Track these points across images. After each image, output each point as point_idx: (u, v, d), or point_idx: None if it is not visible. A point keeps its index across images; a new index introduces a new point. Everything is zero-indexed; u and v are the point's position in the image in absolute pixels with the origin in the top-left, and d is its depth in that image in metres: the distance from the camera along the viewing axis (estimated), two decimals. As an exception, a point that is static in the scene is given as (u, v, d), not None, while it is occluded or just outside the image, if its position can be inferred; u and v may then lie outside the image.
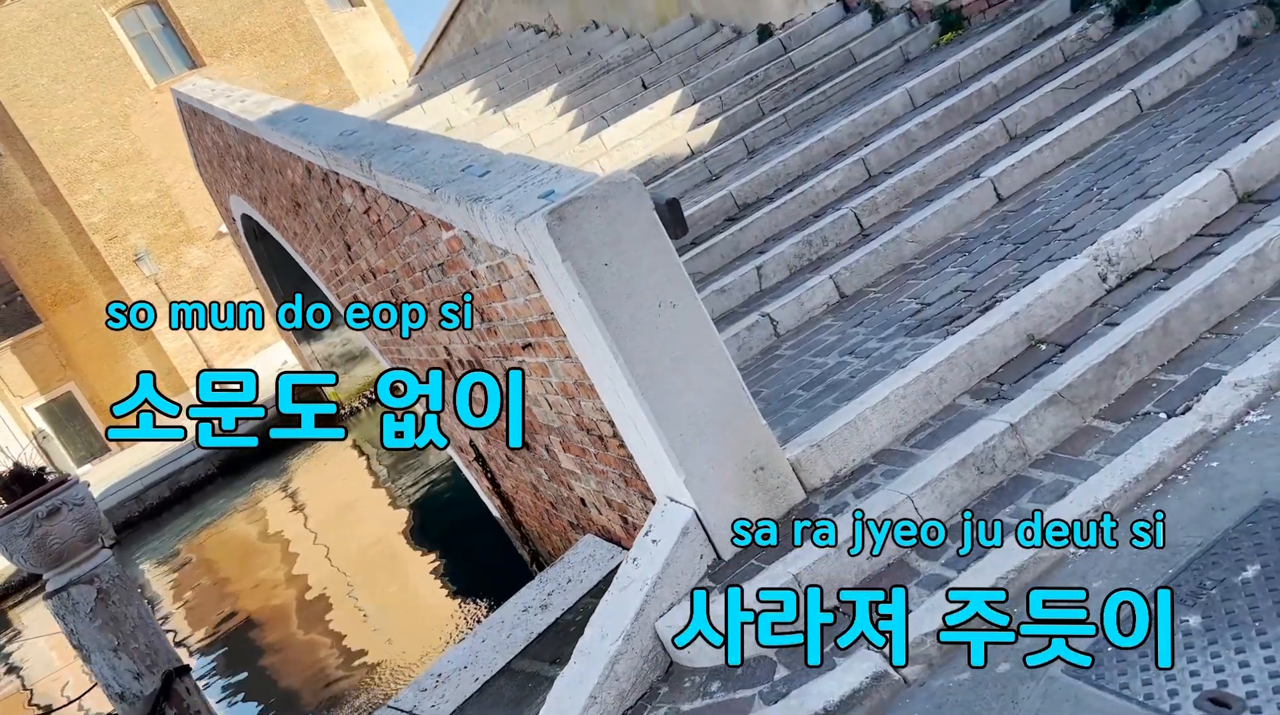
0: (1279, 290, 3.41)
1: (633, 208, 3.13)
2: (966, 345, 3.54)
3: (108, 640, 5.42)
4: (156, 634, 5.61)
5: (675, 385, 3.17)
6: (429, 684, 4.29)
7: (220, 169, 11.88)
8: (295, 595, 11.84)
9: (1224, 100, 4.70)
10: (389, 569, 11.21)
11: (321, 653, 9.72)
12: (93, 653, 5.44)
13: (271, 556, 14.71)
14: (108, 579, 5.45)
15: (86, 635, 5.42)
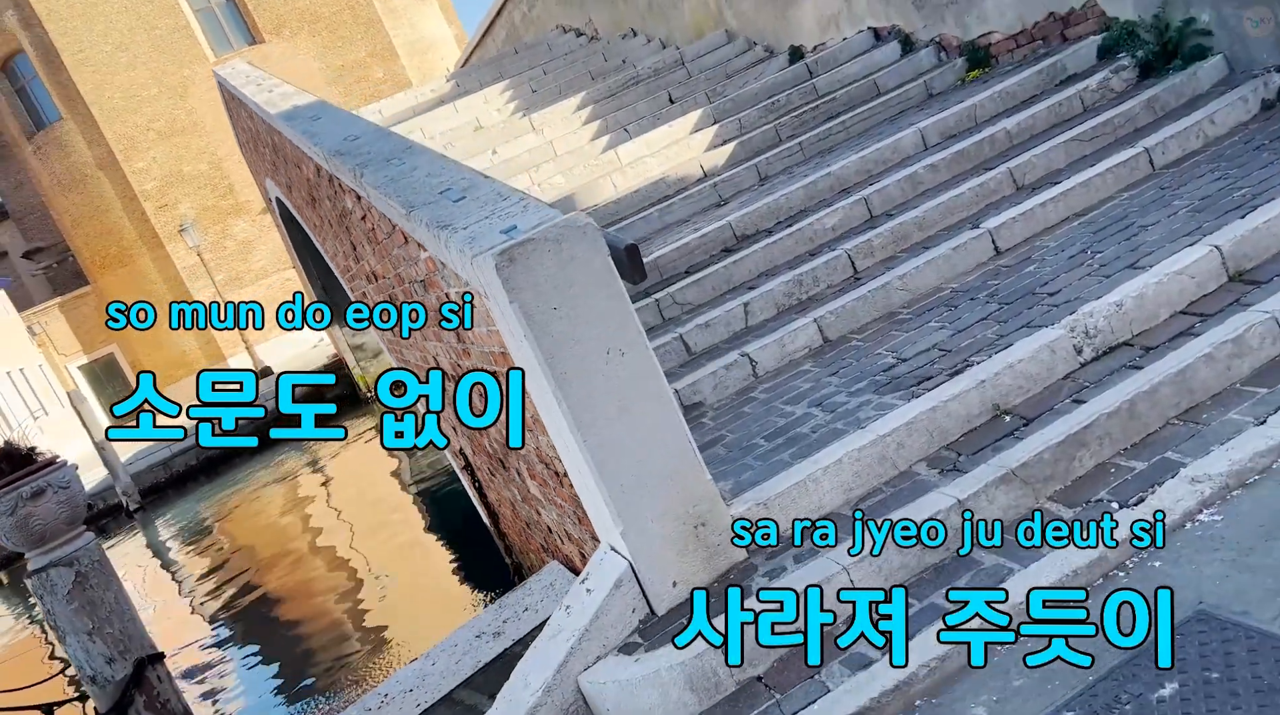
0: (1256, 379, 3.29)
1: (587, 252, 3.08)
2: (929, 410, 3.46)
3: (83, 623, 5.46)
4: (132, 620, 5.65)
5: (619, 435, 3.12)
6: (374, 704, 4.27)
7: (255, 152, 11.99)
8: (303, 572, 11.92)
9: (1235, 167, 4.55)
10: (399, 553, 11.23)
11: (318, 634, 9.78)
12: (68, 634, 5.48)
13: (286, 532, 14.84)
14: (87, 563, 5.50)
15: (62, 617, 5.47)
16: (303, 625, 10.37)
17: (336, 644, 9.24)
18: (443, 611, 8.97)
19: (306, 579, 11.74)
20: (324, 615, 10.28)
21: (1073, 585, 2.76)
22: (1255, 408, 3.14)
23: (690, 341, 4.85)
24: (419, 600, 9.74)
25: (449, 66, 32.22)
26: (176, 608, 13.40)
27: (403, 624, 9.13)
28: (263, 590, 11.87)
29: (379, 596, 10.25)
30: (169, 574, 15.99)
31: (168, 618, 13.01)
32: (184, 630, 12.01)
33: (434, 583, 9.98)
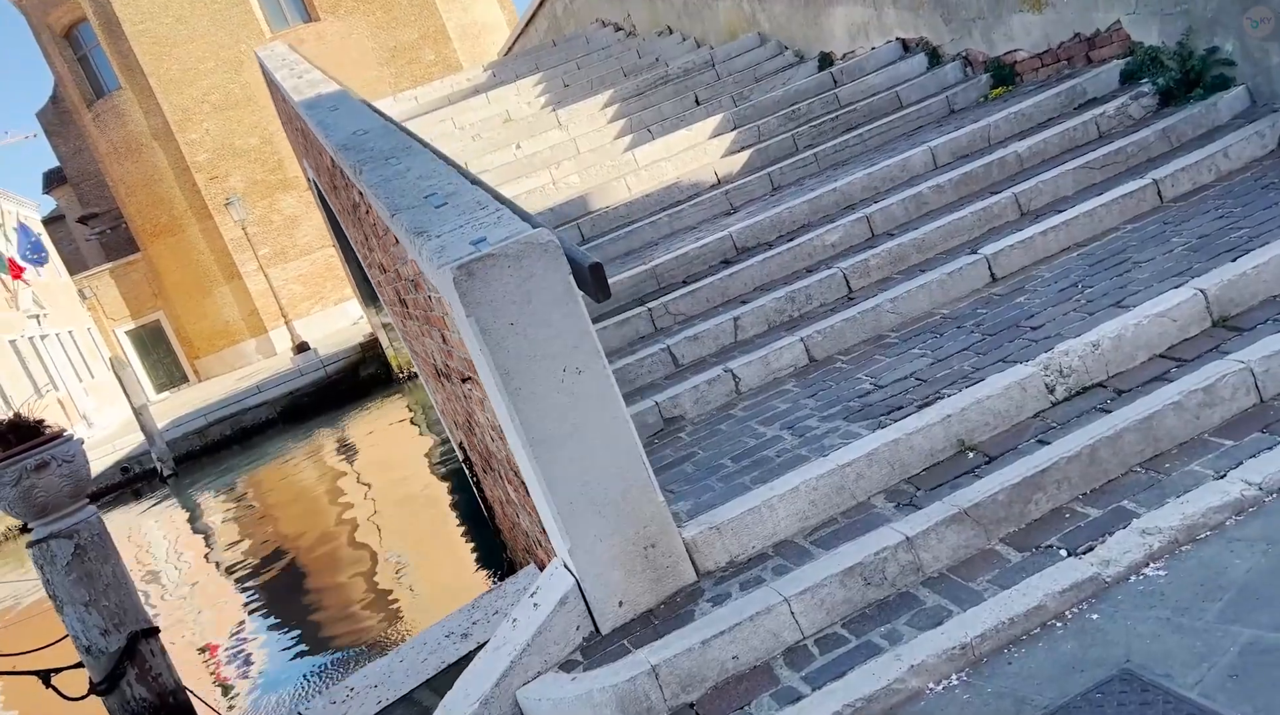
0: (1225, 430, 3.23)
1: (547, 270, 3.09)
2: (891, 443, 3.43)
3: (80, 595, 5.55)
4: (129, 594, 5.74)
5: (571, 453, 3.13)
6: (340, 696, 4.33)
7: (291, 132, 12.13)
8: (320, 547, 12.06)
9: (1240, 206, 4.46)
10: (418, 534, 11.33)
11: (327, 610, 9.89)
12: (65, 605, 5.59)
13: (309, 506, 15.04)
14: (87, 536, 5.59)
15: (61, 587, 5.57)
16: (313, 599, 10.49)
17: (343, 622, 9.36)
18: (451, 598, 9.05)
19: (323, 554, 11.88)
20: (335, 591, 10.39)
21: (1008, 634, 2.73)
22: (1218, 461, 3.08)
23: (678, 353, 4.85)
24: (430, 584, 9.83)
25: (499, 52, 32.42)
26: (195, 573, 13.67)
27: (409, 607, 9.22)
28: (279, 562, 12.04)
29: (391, 577, 10.35)
30: (196, 539, 16.31)
31: (186, 582, 13.28)
32: (199, 596, 12.25)
33: (448, 567, 10.06)
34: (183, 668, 9.35)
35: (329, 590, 10.51)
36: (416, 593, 9.66)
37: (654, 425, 4.47)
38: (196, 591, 12.64)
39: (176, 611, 11.97)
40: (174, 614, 11.85)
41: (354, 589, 10.13)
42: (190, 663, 9.69)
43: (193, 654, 9.97)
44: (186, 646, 10.40)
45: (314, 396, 23.72)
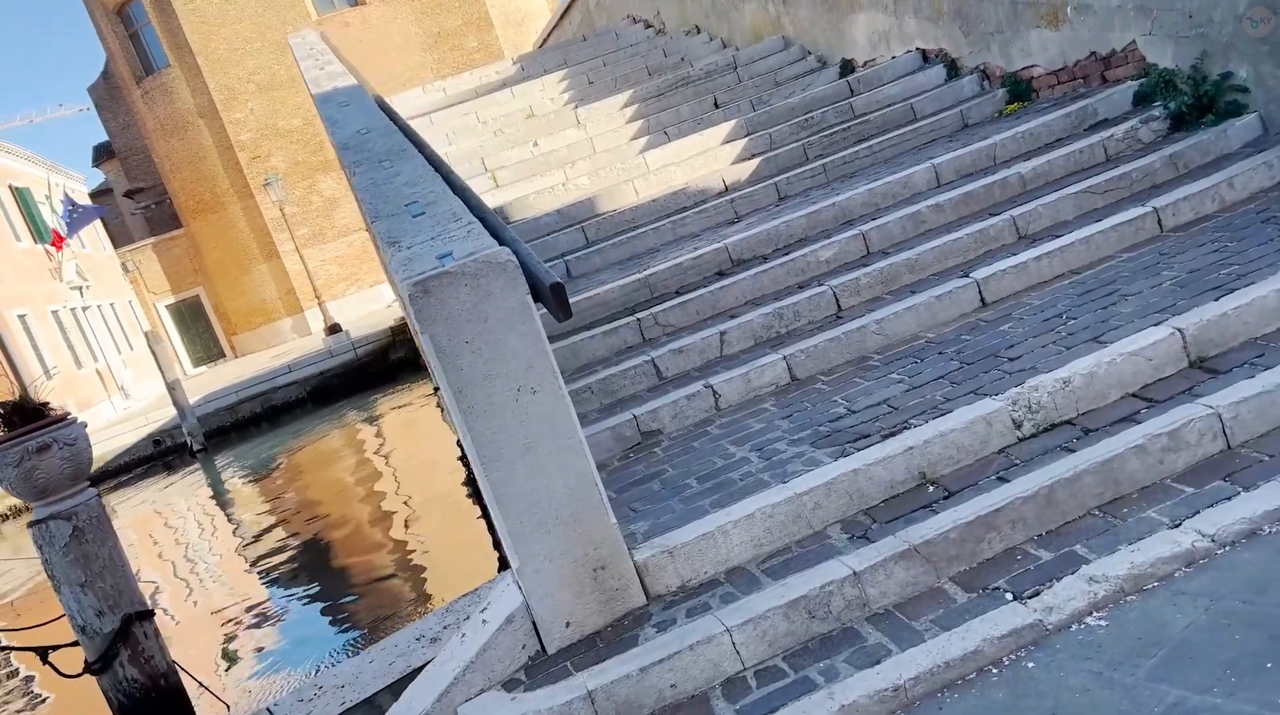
0: (1188, 477, 3.17)
1: (505, 289, 3.10)
2: (850, 472, 3.41)
3: (77, 575, 5.65)
4: (124, 577, 5.83)
5: (522, 472, 3.14)
6: (309, 694, 4.37)
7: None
8: (339, 528, 12.16)
9: (1236, 239, 4.38)
10: (438, 520, 11.38)
11: (336, 591, 9.99)
12: (62, 585, 5.68)
13: (333, 486, 15.18)
14: (85, 518, 5.68)
15: (58, 567, 5.67)
16: (327, 581, 10.56)
17: (354, 607, 9.44)
18: (457, 591, 9.10)
19: (340, 536, 11.97)
20: (349, 575, 10.48)
21: (942, 679, 2.71)
22: (1176, 508, 3.03)
23: (662, 366, 4.84)
24: (443, 574, 9.89)
25: (534, 43, 32.47)
26: (214, 548, 13.88)
27: (419, 595, 9.30)
28: (295, 542, 12.17)
29: (405, 565, 10.43)
30: (219, 514, 16.56)
31: (203, 557, 13.48)
32: (214, 571, 12.43)
33: (462, 558, 10.12)
34: (187, 644, 9.53)
35: (343, 573, 10.61)
36: (429, 582, 9.73)
37: (631, 438, 4.47)
38: (212, 567, 12.83)
39: (190, 586, 12.16)
40: (187, 589, 12.05)
41: (367, 575, 10.21)
42: (197, 638, 9.84)
43: (200, 630, 10.12)
44: (194, 622, 10.57)
45: (344, 378, 23.96)
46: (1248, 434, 3.24)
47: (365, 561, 10.60)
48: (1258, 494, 2.96)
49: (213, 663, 9.02)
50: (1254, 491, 2.98)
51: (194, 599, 11.57)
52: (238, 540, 14.16)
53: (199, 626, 10.40)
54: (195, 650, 9.37)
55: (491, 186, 8.40)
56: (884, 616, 3.02)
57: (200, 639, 9.86)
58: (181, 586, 12.31)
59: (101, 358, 32.07)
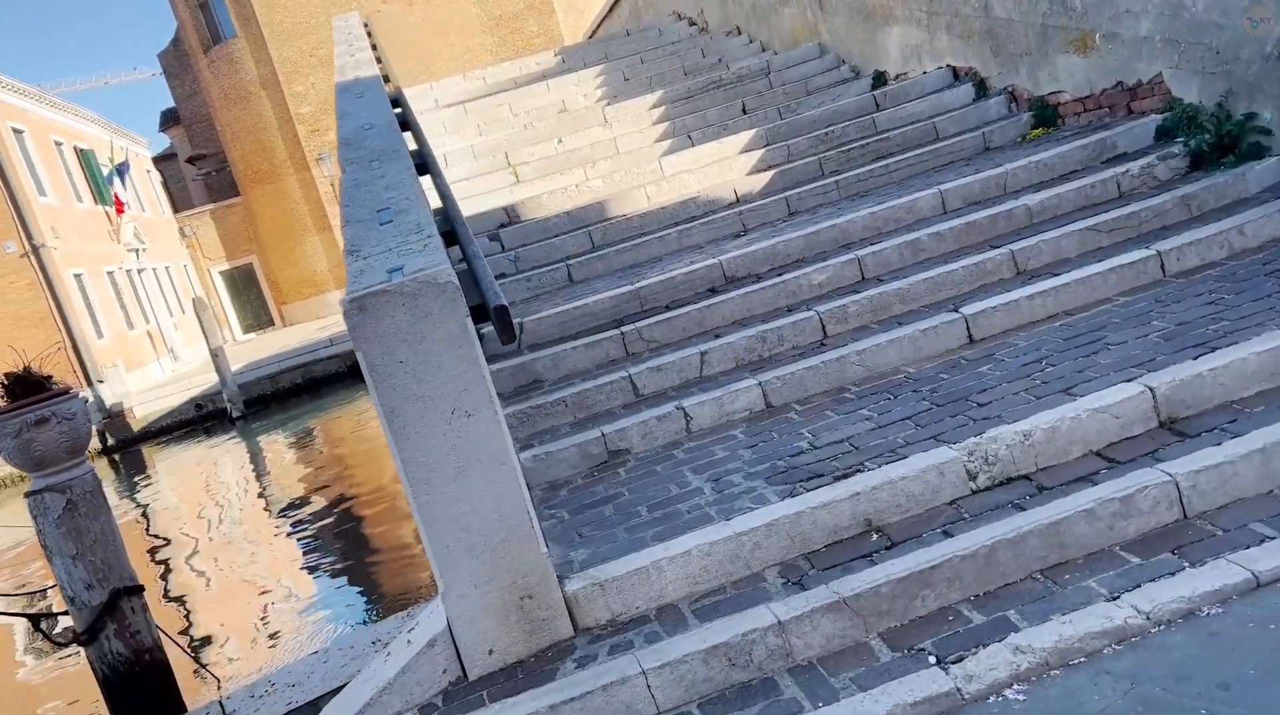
0: (1137, 545, 3.06)
1: (443, 310, 3.06)
2: (793, 515, 3.33)
3: (68, 548, 5.73)
4: (115, 552, 5.90)
5: (452, 496, 3.10)
6: (262, 690, 4.40)
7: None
8: (370, 504, 12.22)
9: (1234, 292, 4.21)
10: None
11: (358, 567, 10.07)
12: (54, 555, 5.77)
13: (366, 460, 15.27)
14: (79, 492, 5.75)
15: (51, 538, 5.76)
16: (347, 556, 10.62)
17: (367, 585, 9.50)
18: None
19: (367, 512, 12.02)
20: (369, 552, 10.54)
21: (848, 742, 2.63)
22: (1118, 579, 2.92)
23: (639, 383, 4.78)
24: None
25: (584, 33, 32.43)
26: (241, 514, 14.10)
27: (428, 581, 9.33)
28: (321, 514, 12.28)
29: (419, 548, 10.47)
30: (250, 481, 16.81)
31: (227, 523, 13.69)
32: (239, 537, 12.60)
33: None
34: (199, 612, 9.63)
35: (368, 548, 10.68)
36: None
37: (598, 456, 4.42)
38: (235, 534, 13.02)
39: (211, 552, 12.33)
40: (208, 555, 12.22)
41: (393, 551, 10.25)
42: (206, 608, 9.98)
43: (211, 599, 10.26)
44: (203, 591, 10.72)
45: (383, 355, 24.09)
46: (1205, 505, 3.11)
47: (392, 537, 10.65)
48: (1203, 571, 2.84)
49: (219, 633, 9.15)
50: (1200, 568, 2.86)
51: (213, 566, 11.74)
52: (264, 508, 14.39)
53: (206, 596, 10.56)
54: (204, 620, 9.51)
55: (512, 182, 8.38)
56: (806, 669, 2.94)
57: (210, 608, 10.01)
58: (202, 552, 12.51)
59: (153, 319, 32.68)
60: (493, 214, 7.38)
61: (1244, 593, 2.75)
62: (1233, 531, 2.99)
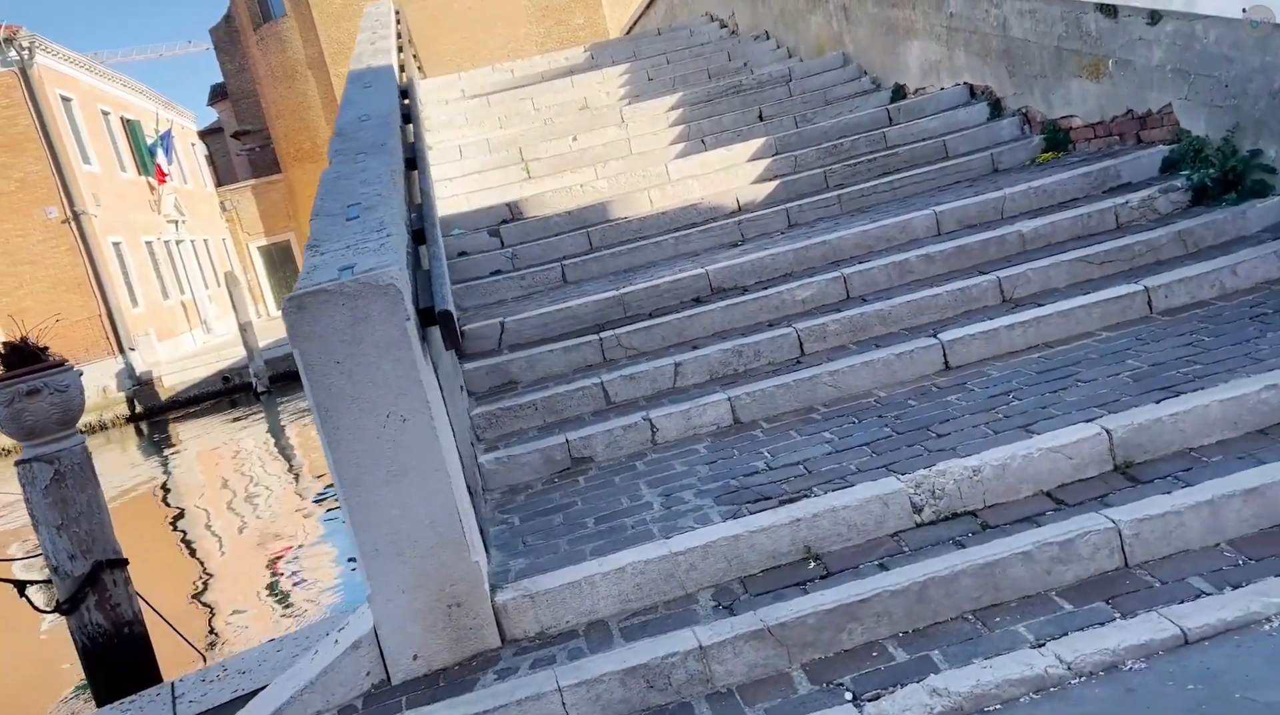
0: (1073, 592, 2.99)
1: (383, 313, 3.05)
2: (731, 538, 3.29)
3: (54, 518, 5.80)
4: (101, 525, 5.96)
5: (384, 499, 3.09)
6: (214, 675, 4.42)
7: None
8: None
9: (1214, 335, 4.11)
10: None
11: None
12: (40, 524, 5.85)
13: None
14: (68, 463, 5.81)
15: (38, 507, 5.82)
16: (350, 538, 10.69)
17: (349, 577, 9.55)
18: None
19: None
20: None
21: (750, 775, 2.60)
22: (1047, 626, 2.86)
23: (611, 390, 4.75)
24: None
25: (621, 29, 32.33)
26: (255, 486, 14.24)
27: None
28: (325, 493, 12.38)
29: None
30: (268, 455, 16.98)
31: (243, 496, 13.83)
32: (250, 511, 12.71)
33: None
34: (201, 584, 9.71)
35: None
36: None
37: (561, 462, 4.39)
38: (254, 507, 13.15)
39: (222, 524, 12.46)
40: (219, 526, 12.35)
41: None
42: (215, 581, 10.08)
43: (221, 572, 10.35)
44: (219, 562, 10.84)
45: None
46: (1148, 554, 3.04)
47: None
48: (1133, 624, 2.77)
49: (223, 607, 9.25)
50: (1130, 620, 2.79)
51: (227, 539, 11.86)
52: (283, 484, 14.53)
53: (217, 569, 10.67)
54: (211, 594, 9.61)
55: (523, 177, 8.37)
56: (724, 697, 2.91)
57: (220, 582, 10.11)
58: (216, 524, 12.65)
59: (189, 291, 33.08)
60: (497, 209, 7.38)
61: (1170, 649, 2.68)
62: (1170, 584, 2.91)
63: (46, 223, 26.05)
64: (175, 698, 4.28)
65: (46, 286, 26.12)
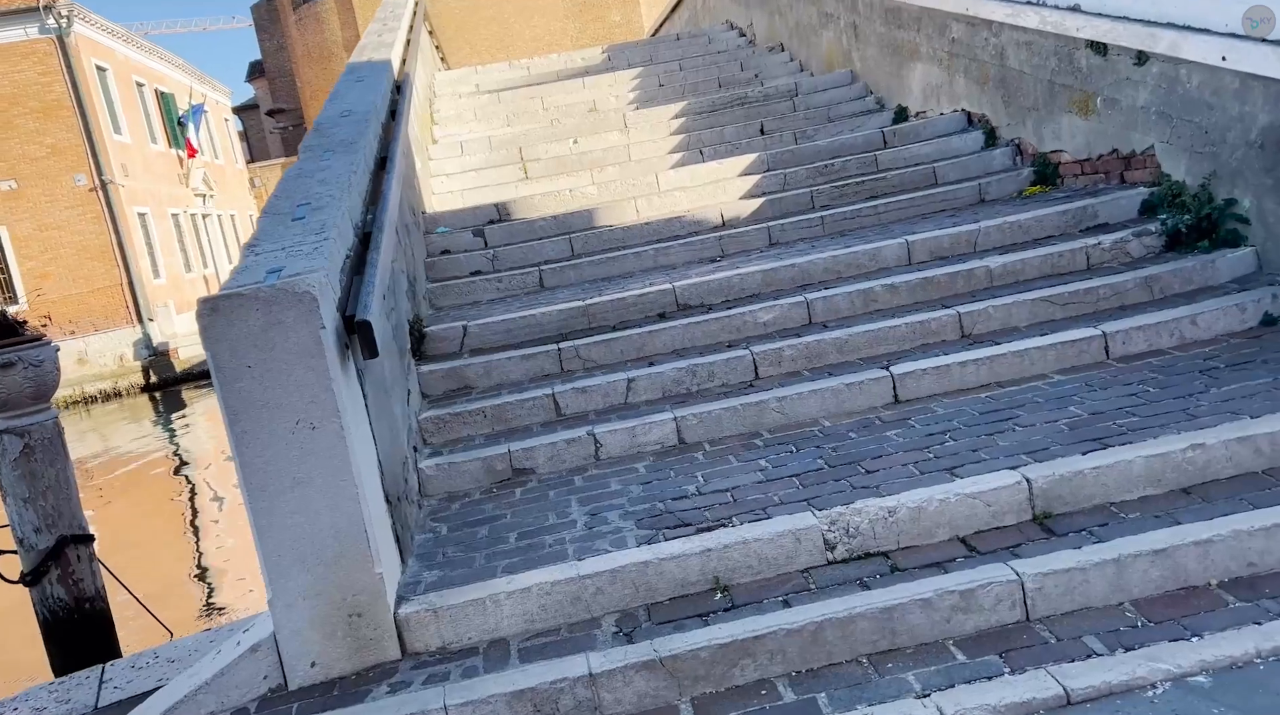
0: (971, 643, 2.97)
1: (297, 320, 3.06)
2: (640, 564, 3.29)
3: (21, 490, 5.85)
4: (68, 500, 6.01)
5: (288, 506, 3.10)
6: (143, 663, 4.45)
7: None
8: None
9: (1161, 386, 4.06)
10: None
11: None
12: (7, 496, 5.91)
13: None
14: (38, 437, 5.86)
15: (6, 479, 5.89)
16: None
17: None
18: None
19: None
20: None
21: (615, 809, 2.59)
22: (936, 676, 2.84)
23: (562, 402, 4.75)
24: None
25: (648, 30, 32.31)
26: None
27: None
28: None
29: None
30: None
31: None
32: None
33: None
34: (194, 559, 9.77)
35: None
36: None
37: (501, 473, 4.40)
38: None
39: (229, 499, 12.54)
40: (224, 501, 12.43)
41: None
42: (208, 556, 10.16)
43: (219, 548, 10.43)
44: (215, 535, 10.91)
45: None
46: (1050, 609, 3.01)
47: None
48: (1019, 680, 2.75)
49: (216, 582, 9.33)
50: (1018, 676, 2.77)
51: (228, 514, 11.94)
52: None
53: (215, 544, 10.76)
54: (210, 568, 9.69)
55: (519, 177, 8.39)
56: (609, 725, 2.90)
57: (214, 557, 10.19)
58: (221, 500, 12.75)
59: (212, 265, 33.36)
60: (484, 209, 7.39)
61: (1051, 709, 2.65)
62: (1066, 641, 2.88)
63: (74, 189, 26.34)
64: (103, 682, 4.31)
65: (71, 252, 26.41)
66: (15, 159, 25.98)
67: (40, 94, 26.08)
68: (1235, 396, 3.79)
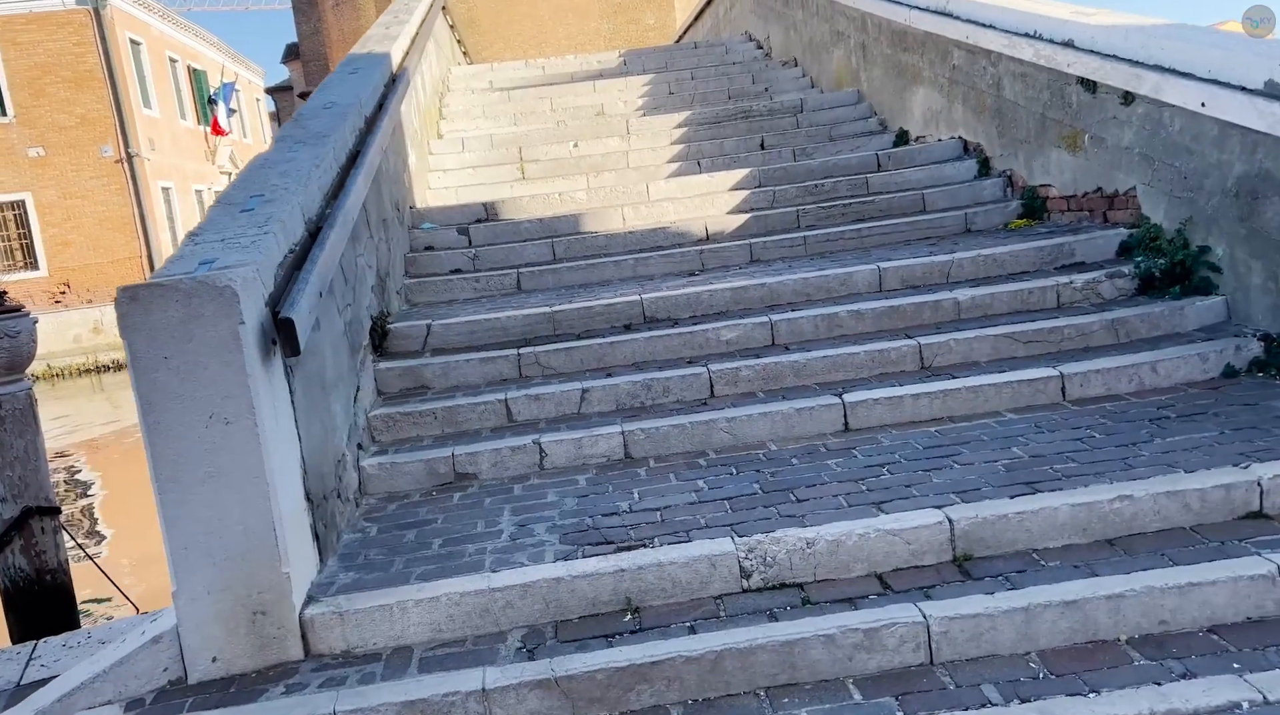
0: (872, 683, 2.93)
1: (216, 314, 3.05)
2: (553, 580, 3.27)
3: (-12, 459, 5.86)
4: (35, 471, 6.03)
5: (198, 499, 3.10)
6: (76, 641, 4.45)
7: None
8: None
9: (1108, 433, 4.00)
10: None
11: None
12: (-26, 465, 5.92)
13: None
14: (9, 408, 5.89)
15: (-26, 449, 5.90)
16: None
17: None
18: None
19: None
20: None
21: (484, 829, 2.56)
22: (830, 713, 2.79)
23: (514, 408, 4.73)
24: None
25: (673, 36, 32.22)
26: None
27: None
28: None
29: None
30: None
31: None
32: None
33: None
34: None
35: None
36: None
37: (444, 476, 4.38)
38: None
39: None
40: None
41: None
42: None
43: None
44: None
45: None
46: (955, 654, 2.96)
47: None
48: (910, 727, 2.70)
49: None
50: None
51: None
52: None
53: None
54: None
55: (516, 177, 8.38)
56: (498, 743, 2.87)
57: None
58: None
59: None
60: (473, 208, 7.39)
61: (935, 759, 2.60)
62: (964, 688, 2.84)
63: (100, 160, 26.57)
64: (30, 660, 4.32)
65: (93, 222, 26.64)
66: (45, 127, 26.24)
67: (73, 64, 26.33)
68: (1177, 448, 3.73)
